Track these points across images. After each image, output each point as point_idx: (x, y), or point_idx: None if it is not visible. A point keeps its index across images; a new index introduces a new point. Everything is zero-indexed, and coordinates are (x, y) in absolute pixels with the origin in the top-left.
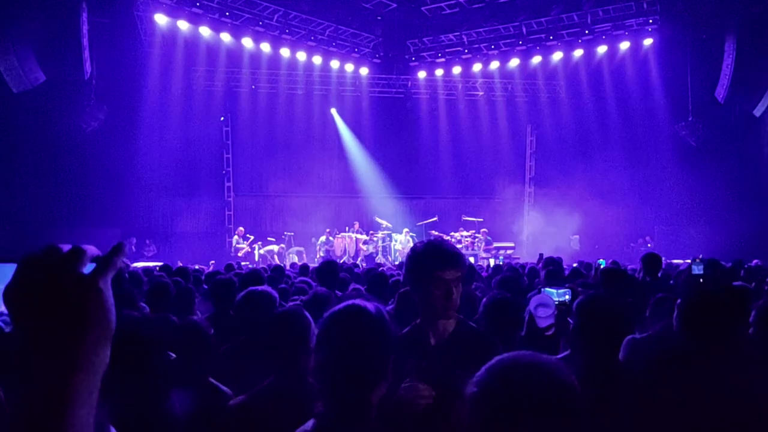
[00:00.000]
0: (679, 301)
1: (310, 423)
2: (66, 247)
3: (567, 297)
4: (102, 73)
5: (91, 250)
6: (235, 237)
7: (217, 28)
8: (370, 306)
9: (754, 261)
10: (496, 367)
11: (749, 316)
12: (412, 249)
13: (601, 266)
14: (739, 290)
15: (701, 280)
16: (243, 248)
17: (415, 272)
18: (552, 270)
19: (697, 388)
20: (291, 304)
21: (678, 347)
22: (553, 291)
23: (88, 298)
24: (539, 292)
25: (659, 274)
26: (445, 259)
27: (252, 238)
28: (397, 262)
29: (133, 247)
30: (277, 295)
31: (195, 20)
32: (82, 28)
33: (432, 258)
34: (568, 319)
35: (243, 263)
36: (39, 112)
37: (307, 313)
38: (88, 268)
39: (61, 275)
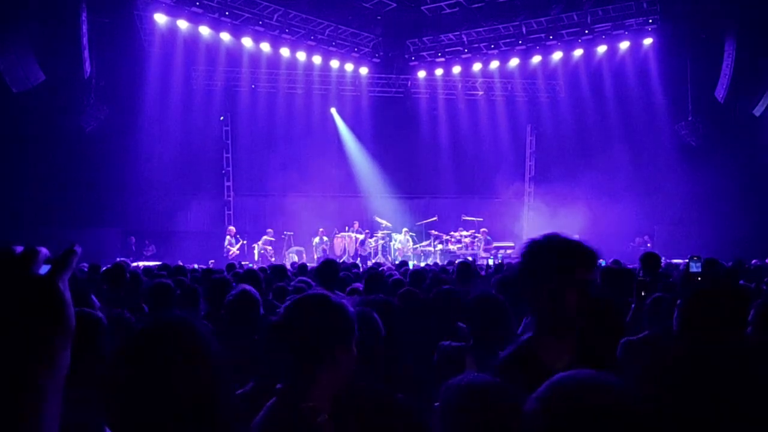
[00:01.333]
0: (679, 301)
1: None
2: (19, 249)
3: None
4: (102, 73)
5: (44, 251)
6: (228, 237)
7: (216, 27)
8: (331, 297)
9: (753, 261)
10: (561, 385)
11: (748, 315)
12: (536, 244)
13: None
14: (739, 290)
15: (699, 279)
16: (233, 248)
17: (541, 273)
18: None
19: (697, 390)
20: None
21: (677, 348)
22: None
23: (48, 298)
24: None
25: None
26: (587, 256)
27: (243, 242)
28: (397, 262)
29: (132, 247)
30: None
31: (195, 20)
32: (82, 28)
33: (570, 255)
34: None
35: (243, 262)
36: (39, 111)
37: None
38: (42, 269)
39: (17, 276)
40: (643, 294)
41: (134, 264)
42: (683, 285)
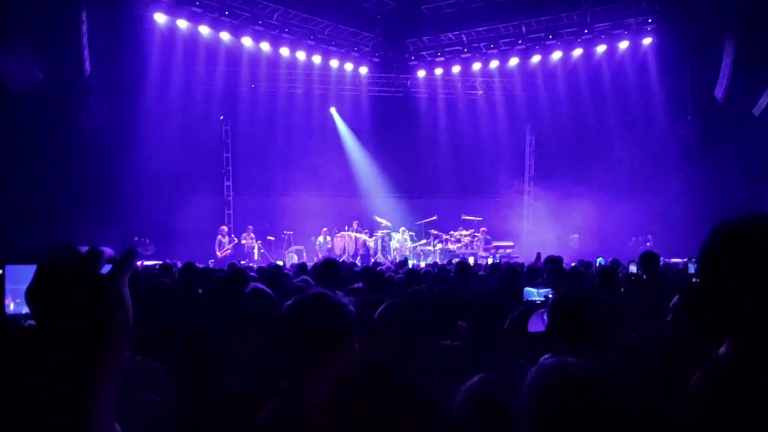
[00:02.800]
0: (675, 299)
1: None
2: (84, 249)
3: (549, 296)
4: (101, 72)
5: (107, 251)
6: (219, 237)
7: (216, 27)
8: (331, 296)
9: None
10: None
11: None
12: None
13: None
14: None
15: (695, 279)
16: (226, 248)
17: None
18: (552, 268)
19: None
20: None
21: (672, 347)
22: (534, 290)
23: (108, 297)
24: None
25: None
26: None
27: (236, 240)
28: (397, 260)
29: (138, 248)
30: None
31: (195, 19)
32: (82, 27)
33: None
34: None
35: (242, 261)
36: (38, 111)
37: None
38: (104, 269)
39: (81, 276)
40: (632, 288)
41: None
42: (680, 287)
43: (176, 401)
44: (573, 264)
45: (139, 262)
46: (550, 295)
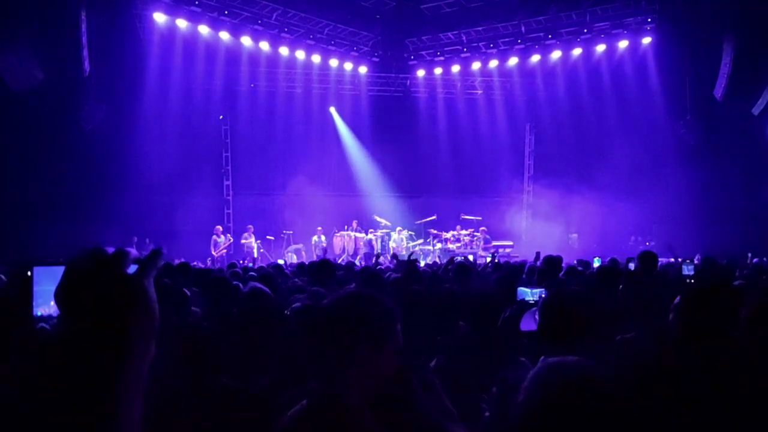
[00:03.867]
0: (677, 300)
1: (293, 410)
2: (110, 250)
3: (542, 296)
4: (101, 72)
5: (133, 252)
6: (214, 237)
7: (216, 26)
8: (361, 293)
9: (755, 259)
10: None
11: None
12: None
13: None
14: (733, 289)
15: (691, 281)
16: (221, 247)
17: None
18: (545, 269)
19: (692, 390)
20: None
21: (672, 347)
22: (527, 290)
23: (136, 296)
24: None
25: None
26: None
27: (232, 239)
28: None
29: (134, 246)
30: (270, 292)
31: (194, 18)
32: (81, 27)
33: None
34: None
35: (241, 261)
36: (38, 110)
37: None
38: (131, 269)
39: (108, 276)
40: (630, 286)
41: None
42: (676, 287)
43: (171, 401)
44: (572, 263)
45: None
46: (543, 295)
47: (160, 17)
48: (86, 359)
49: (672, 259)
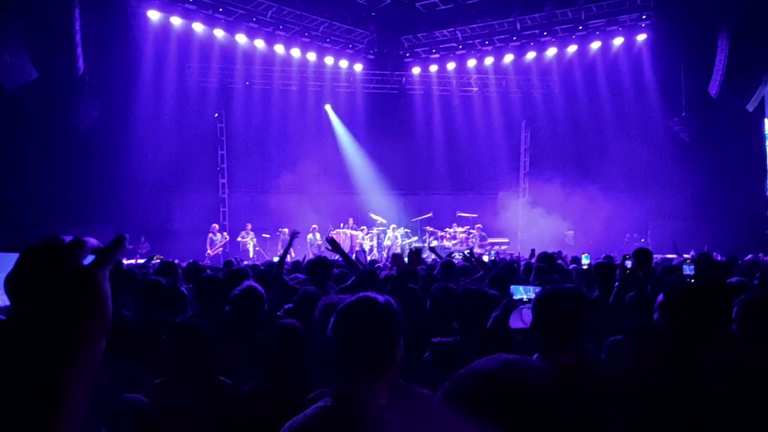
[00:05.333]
0: (660, 298)
1: (312, 410)
2: (68, 239)
3: (533, 294)
4: (95, 70)
5: (92, 242)
6: (210, 235)
7: (210, 24)
8: (379, 298)
9: (749, 255)
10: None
11: (731, 312)
12: None
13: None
14: (723, 286)
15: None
16: (217, 246)
17: None
18: (541, 266)
19: (680, 389)
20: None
21: (659, 346)
22: (520, 288)
23: (86, 289)
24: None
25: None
26: None
27: (228, 238)
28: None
29: (128, 245)
30: (263, 291)
31: (188, 16)
32: (75, 25)
33: None
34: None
35: (236, 259)
36: (32, 109)
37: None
38: (88, 259)
39: (61, 265)
40: (627, 283)
41: (127, 262)
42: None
43: (168, 400)
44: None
45: (132, 260)
46: (537, 292)
47: (154, 15)
48: (30, 351)
49: (674, 255)
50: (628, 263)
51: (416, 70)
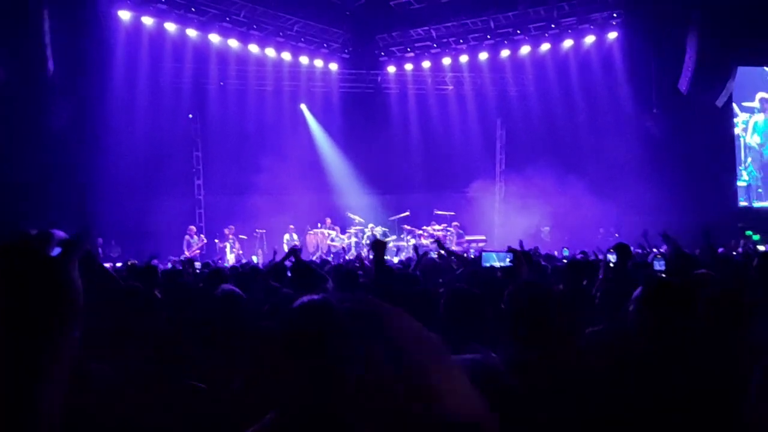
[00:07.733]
0: (637, 291)
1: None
2: (34, 232)
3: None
4: (66, 71)
5: (58, 233)
6: (186, 237)
7: (183, 23)
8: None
9: (720, 249)
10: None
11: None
12: None
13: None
14: (694, 280)
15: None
16: (194, 248)
17: None
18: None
19: (654, 383)
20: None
21: (633, 340)
22: (493, 254)
23: (56, 279)
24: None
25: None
26: None
27: (205, 240)
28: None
29: (99, 248)
30: (243, 295)
31: (160, 15)
32: (44, 25)
33: None
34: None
35: (214, 261)
36: (1, 110)
37: None
38: (55, 251)
39: (30, 257)
40: (609, 277)
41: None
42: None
43: (138, 403)
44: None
45: (108, 264)
46: (509, 260)
47: (125, 14)
48: (3, 343)
49: (640, 251)
50: (612, 258)
51: (391, 69)
